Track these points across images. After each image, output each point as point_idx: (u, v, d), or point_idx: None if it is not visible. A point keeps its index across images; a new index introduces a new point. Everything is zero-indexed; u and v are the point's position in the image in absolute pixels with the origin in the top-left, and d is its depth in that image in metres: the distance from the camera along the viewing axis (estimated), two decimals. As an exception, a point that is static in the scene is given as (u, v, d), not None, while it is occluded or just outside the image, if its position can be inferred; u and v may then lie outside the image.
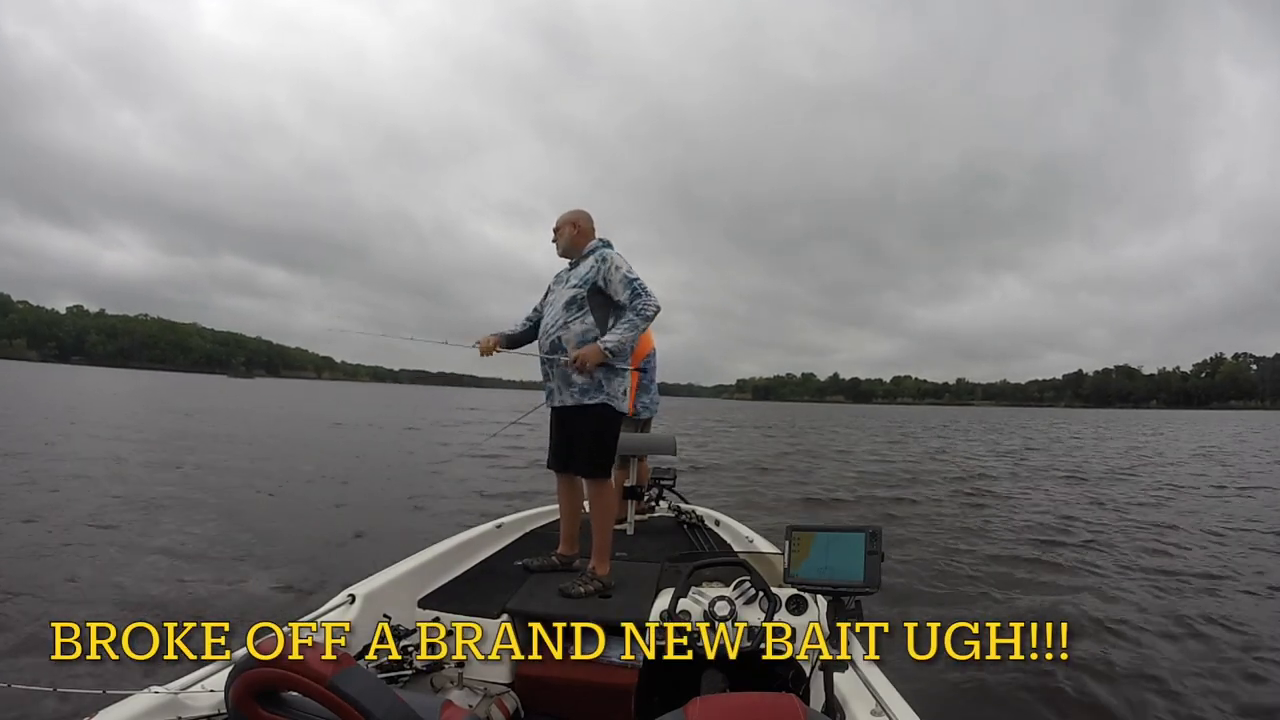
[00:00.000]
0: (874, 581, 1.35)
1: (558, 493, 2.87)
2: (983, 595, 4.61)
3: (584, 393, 2.58)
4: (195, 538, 5.42)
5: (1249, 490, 10.65)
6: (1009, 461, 15.28)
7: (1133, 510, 8.41)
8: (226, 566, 4.67)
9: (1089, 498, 9.43)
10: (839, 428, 30.54)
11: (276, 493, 7.77)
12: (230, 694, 0.97)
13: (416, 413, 30.90)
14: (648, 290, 2.60)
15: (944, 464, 14.07)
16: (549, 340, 2.64)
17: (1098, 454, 17.56)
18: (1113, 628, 3.91)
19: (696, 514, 3.86)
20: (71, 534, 5.32)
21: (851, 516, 7.96)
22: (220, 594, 4.08)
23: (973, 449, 19.07)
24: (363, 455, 12.38)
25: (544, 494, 5.98)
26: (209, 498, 7.04)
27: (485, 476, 9.95)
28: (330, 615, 1.98)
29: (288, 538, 5.56)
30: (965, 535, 6.61)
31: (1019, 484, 10.99)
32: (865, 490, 9.87)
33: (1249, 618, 4.14)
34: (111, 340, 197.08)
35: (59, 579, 4.20)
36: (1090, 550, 6.02)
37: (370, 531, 5.90)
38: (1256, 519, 7.84)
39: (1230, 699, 3.08)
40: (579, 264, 2.71)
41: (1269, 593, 4.78)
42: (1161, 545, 6.29)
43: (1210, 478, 12.29)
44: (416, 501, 7.66)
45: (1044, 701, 3.01)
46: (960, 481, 10.97)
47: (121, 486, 7.45)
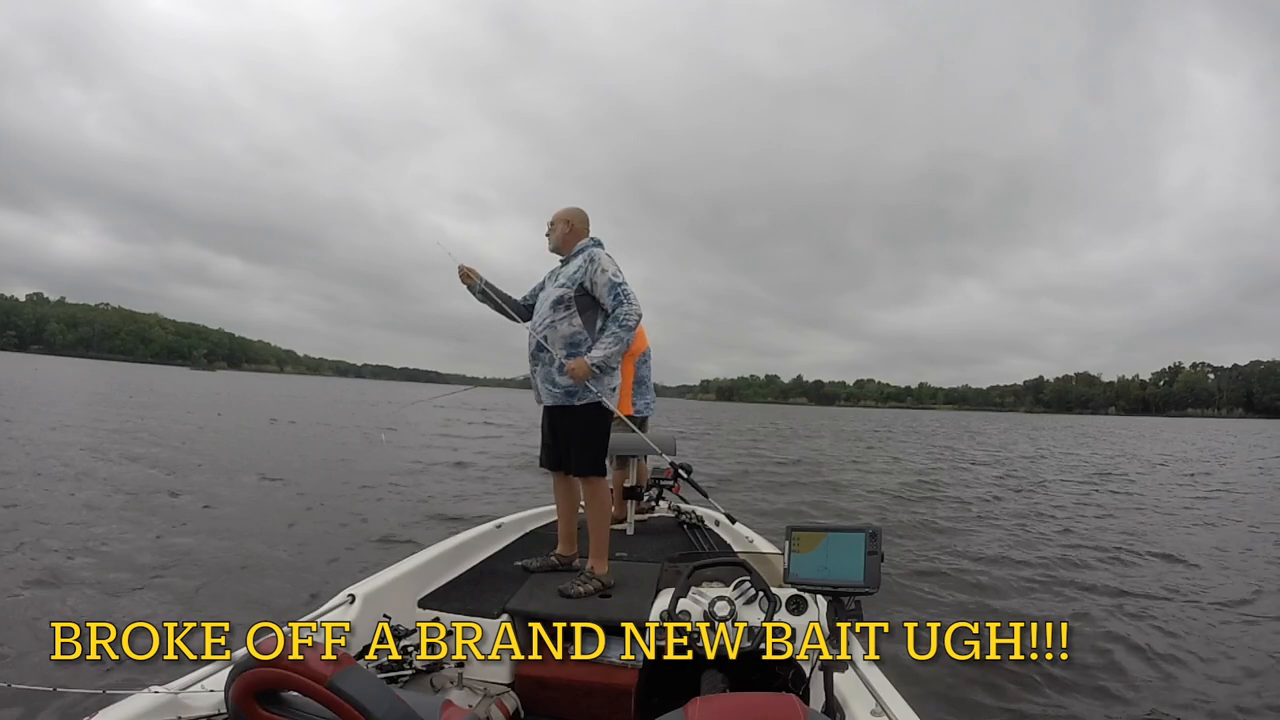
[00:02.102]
0: (874, 581, 1.35)
1: (554, 491, 2.87)
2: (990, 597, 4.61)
3: (571, 394, 2.58)
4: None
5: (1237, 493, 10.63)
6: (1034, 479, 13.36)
7: (1130, 512, 8.42)
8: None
9: (1095, 500, 9.43)
10: (824, 433, 29.45)
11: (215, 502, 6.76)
12: (230, 694, 0.97)
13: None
14: (630, 297, 2.56)
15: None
16: (535, 340, 2.63)
17: (1108, 458, 17.53)
18: (1113, 627, 3.91)
19: (696, 514, 3.86)
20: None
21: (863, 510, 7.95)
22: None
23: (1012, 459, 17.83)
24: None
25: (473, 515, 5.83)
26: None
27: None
28: (330, 615, 1.98)
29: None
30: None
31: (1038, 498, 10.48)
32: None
33: (1249, 617, 4.15)
34: (72, 330, 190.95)
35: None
36: (1090, 551, 6.03)
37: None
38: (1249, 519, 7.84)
39: (1231, 698, 3.08)
40: (569, 262, 2.70)
41: (1269, 592, 4.79)
42: (1160, 545, 6.30)
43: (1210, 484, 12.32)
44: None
45: (1044, 701, 3.01)
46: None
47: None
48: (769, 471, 12.27)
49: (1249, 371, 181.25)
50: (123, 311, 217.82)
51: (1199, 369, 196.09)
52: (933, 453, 18.69)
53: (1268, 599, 4.62)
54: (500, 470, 10.60)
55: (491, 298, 2.80)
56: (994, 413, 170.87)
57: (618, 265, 2.62)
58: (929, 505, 8.61)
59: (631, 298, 2.57)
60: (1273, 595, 4.72)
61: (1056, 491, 10.43)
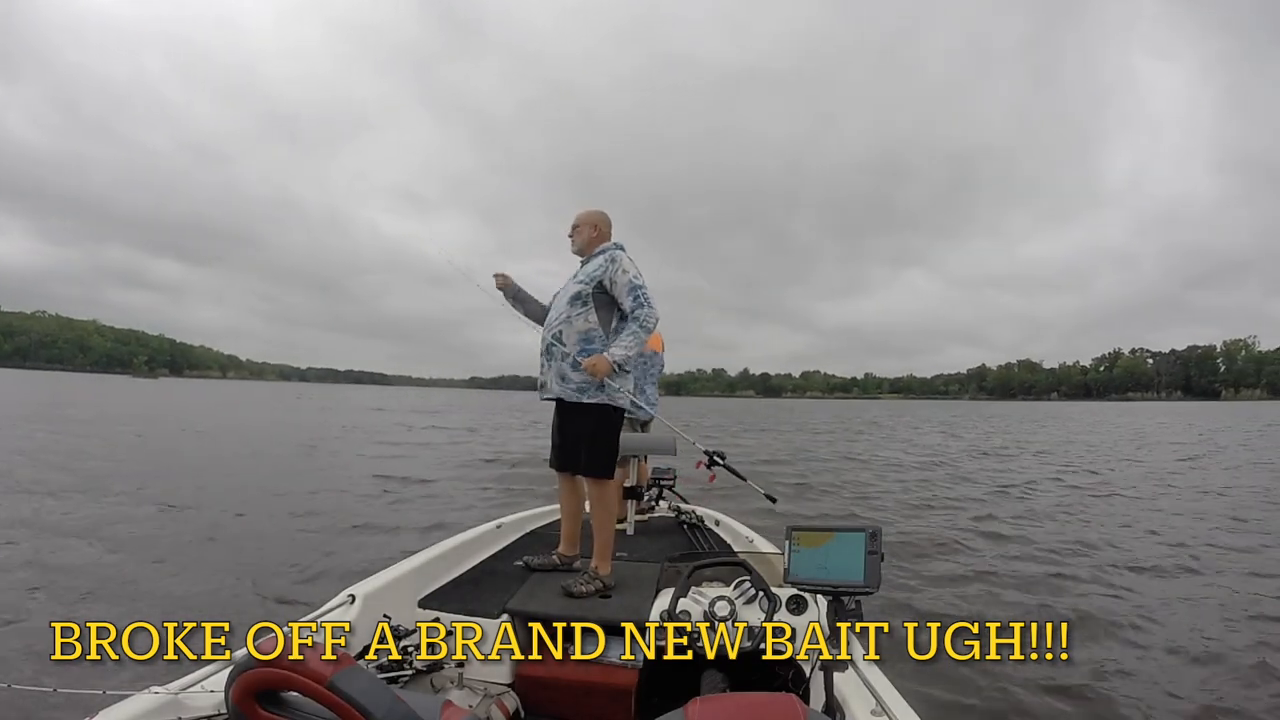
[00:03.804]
0: (874, 581, 1.36)
1: (559, 492, 2.87)
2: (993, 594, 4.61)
3: (583, 390, 2.58)
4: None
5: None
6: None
7: (1127, 505, 8.42)
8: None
9: (1088, 496, 9.43)
10: (785, 426, 29.36)
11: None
12: (230, 694, 0.97)
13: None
14: (650, 300, 2.61)
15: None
16: (551, 333, 2.65)
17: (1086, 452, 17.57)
18: (1113, 627, 3.91)
19: (696, 514, 3.87)
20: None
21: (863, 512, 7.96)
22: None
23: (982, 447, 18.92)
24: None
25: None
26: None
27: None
28: (330, 615, 1.98)
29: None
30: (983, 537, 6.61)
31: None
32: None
33: (1250, 615, 4.14)
34: (7, 339, 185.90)
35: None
36: (1089, 550, 6.03)
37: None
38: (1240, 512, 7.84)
39: (1231, 697, 3.08)
40: (589, 261, 2.73)
41: (1268, 590, 4.78)
42: (1160, 544, 6.30)
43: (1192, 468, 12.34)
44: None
45: (1044, 702, 3.01)
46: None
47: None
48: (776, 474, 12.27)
49: (1186, 356, 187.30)
50: (60, 319, 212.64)
51: (1138, 354, 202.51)
52: (926, 450, 18.63)
53: (1269, 599, 4.62)
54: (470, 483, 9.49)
55: (524, 303, 2.92)
56: (941, 401, 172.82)
57: (639, 269, 2.65)
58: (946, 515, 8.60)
59: (651, 301, 2.61)
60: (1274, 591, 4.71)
61: (1053, 489, 10.43)
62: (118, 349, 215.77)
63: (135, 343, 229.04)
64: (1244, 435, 23.98)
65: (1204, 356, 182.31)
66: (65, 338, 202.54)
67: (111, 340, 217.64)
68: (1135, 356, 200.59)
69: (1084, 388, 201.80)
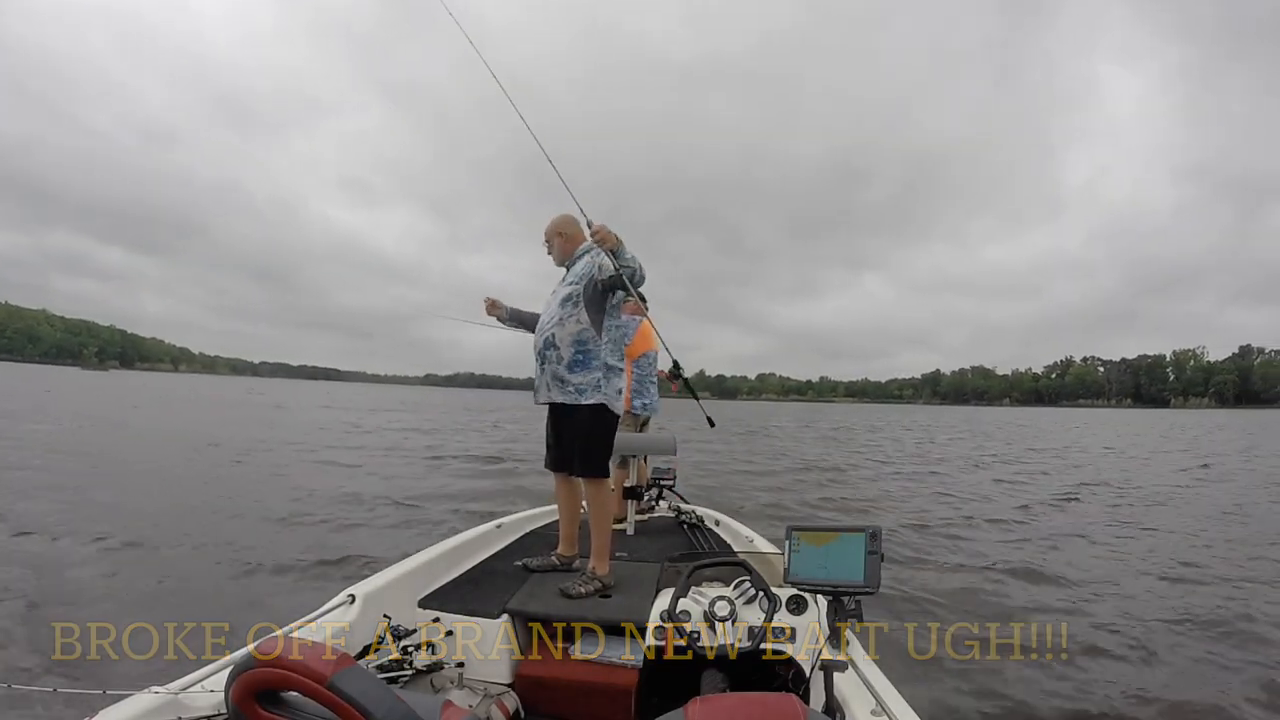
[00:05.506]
0: (874, 581, 1.36)
1: (556, 493, 2.87)
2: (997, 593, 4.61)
3: (580, 392, 2.58)
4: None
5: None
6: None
7: (1120, 508, 8.42)
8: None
9: (1079, 496, 9.43)
10: (754, 426, 29.01)
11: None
12: (230, 694, 0.97)
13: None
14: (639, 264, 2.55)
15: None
16: (543, 337, 2.65)
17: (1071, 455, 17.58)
18: (1113, 627, 3.91)
19: (696, 514, 3.87)
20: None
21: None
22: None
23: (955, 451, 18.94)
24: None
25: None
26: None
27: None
28: (330, 615, 1.98)
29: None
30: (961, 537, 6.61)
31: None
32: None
33: (1250, 614, 4.14)
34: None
35: None
36: (1089, 549, 6.03)
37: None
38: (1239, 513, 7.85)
39: (1231, 695, 3.07)
40: (575, 264, 2.73)
41: (1267, 590, 4.78)
42: (1159, 544, 6.30)
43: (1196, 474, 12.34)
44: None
45: (1044, 702, 3.01)
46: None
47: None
48: (774, 473, 12.26)
49: (1136, 365, 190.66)
50: (8, 307, 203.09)
51: (1089, 363, 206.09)
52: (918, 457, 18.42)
53: (1270, 594, 4.62)
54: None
55: (524, 321, 2.90)
56: (894, 405, 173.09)
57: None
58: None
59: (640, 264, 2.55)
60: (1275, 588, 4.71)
61: (1048, 485, 10.43)
62: (68, 339, 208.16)
63: (86, 333, 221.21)
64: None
65: (1154, 365, 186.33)
66: (14, 327, 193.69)
67: (61, 330, 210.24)
68: (1087, 365, 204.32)
69: (1035, 394, 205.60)
